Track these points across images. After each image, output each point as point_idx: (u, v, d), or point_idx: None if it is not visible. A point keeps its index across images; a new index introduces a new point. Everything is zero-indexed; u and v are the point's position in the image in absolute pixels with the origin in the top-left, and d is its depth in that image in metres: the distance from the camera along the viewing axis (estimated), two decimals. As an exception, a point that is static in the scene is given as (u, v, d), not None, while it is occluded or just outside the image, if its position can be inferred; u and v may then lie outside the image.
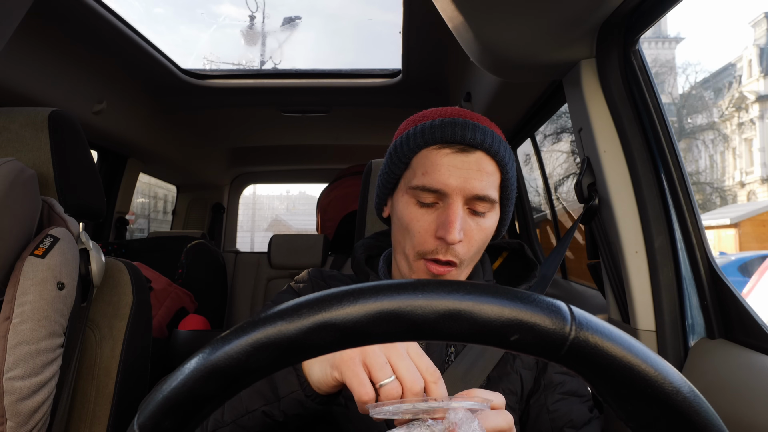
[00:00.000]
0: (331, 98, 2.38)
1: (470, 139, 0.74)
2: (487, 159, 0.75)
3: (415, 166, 0.77)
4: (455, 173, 0.73)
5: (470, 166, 0.74)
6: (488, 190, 0.74)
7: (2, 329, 0.76)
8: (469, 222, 0.74)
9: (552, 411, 0.77)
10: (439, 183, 0.73)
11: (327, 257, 2.66)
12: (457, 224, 0.71)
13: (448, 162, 0.74)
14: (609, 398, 0.32)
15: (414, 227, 0.75)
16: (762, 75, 22.25)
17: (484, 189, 0.73)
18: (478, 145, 0.74)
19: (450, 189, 0.73)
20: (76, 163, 0.99)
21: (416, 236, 0.75)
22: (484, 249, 0.79)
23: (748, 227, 11.27)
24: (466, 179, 0.73)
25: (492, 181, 0.75)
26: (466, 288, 0.32)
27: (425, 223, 0.75)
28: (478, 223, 0.75)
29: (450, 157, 0.74)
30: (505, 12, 0.94)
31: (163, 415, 0.33)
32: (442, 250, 0.73)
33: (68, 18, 1.53)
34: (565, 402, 0.77)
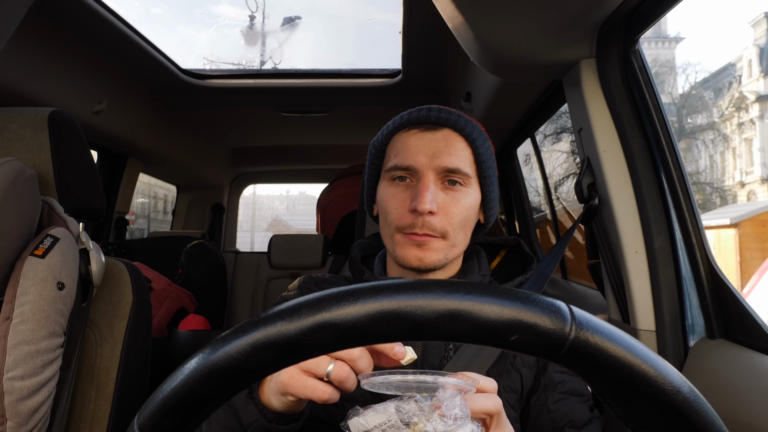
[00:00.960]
0: (331, 98, 2.37)
1: (435, 118, 0.79)
2: (455, 135, 0.79)
3: (390, 152, 0.82)
4: (423, 149, 0.78)
5: (438, 142, 0.78)
6: (458, 163, 0.77)
7: (2, 329, 0.76)
8: (443, 195, 0.77)
9: (553, 410, 0.77)
10: (409, 160, 0.77)
11: (327, 257, 2.66)
12: (427, 195, 0.74)
13: (416, 140, 0.79)
14: (609, 398, 0.32)
15: (390, 205, 0.79)
16: (762, 75, 22.23)
17: (453, 162, 0.77)
18: (443, 122, 0.79)
19: (420, 164, 0.77)
20: (76, 163, 0.98)
21: (393, 212, 0.79)
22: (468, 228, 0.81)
23: (748, 227, 11.26)
24: (435, 154, 0.77)
25: (463, 156, 0.78)
26: (466, 288, 0.32)
27: (400, 199, 0.78)
28: (453, 197, 0.78)
29: (417, 136, 0.79)
30: (505, 12, 0.94)
31: (163, 415, 0.33)
32: (419, 224, 0.76)
33: (68, 18, 1.53)
34: (565, 401, 0.77)
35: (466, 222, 0.79)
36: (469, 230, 0.81)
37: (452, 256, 0.80)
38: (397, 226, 0.78)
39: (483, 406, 0.50)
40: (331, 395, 0.52)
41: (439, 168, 0.77)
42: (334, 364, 0.52)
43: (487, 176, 0.81)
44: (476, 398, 0.50)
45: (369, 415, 0.46)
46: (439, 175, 0.77)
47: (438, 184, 0.77)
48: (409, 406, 0.45)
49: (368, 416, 0.46)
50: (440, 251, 0.78)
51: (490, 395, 0.51)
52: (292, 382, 0.53)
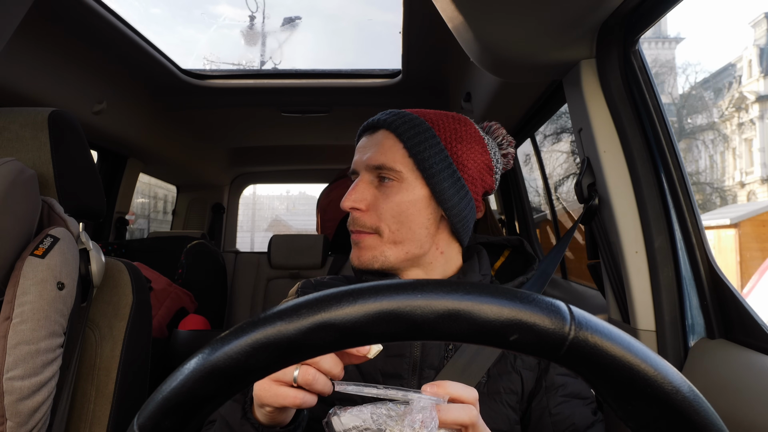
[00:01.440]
0: (332, 98, 2.38)
1: (375, 122, 0.83)
2: (387, 134, 0.81)
3: None
4: (360, 152, 0.83)
5: (372, 143, 0.82)
6: (383, 159, 0.79)
7: (2, 329, 0.76)
8: (374, 192, 0.80)
9: (554, 414, 0.76)
10: (353, 164, 0.84)
11: (327, 257, 2.66)
12: (352, 192, 0.79)
13: (360, 145, 0.84)
14: (609, 398, 0.32)
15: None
16: (762, 75, 22.23)
17: (379, 159, 0.79)
18: (381, 124, 0.82)
19: (356, 165, 0.83)
20: (76, 163, 0.99)
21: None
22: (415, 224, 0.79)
23: (748, 227, 11.25)
24: (366, 153, 0.81)
25: (391, 153, 0.80)
26: (466, 288, 0.32)
27: None
28: (384, 192, 0.80)
29: (362, 141, 0.85)
30: (505, 12, 0.94)
31: (163, 415, 0.33)
32: (350, 221, 0.82)
33: (68, 18, 1.53)
34: (567, 405, 0.76)
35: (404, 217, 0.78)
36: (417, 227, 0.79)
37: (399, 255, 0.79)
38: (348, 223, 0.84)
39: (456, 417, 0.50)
40: (304, 399, 0.53)
41: (368, 166, 0.80)
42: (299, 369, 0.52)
43: (425, 168, 0.78)
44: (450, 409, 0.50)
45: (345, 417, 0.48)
46: (372, 174, 0.81)
47: (374, 183, 0.81)
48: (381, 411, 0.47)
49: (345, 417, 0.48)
50: (375, 248, 0.79)
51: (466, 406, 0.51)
52: (264, 393, 0.54)
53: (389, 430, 0.46)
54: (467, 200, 0.81)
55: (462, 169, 0.81)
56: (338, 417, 0.48)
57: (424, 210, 0.80)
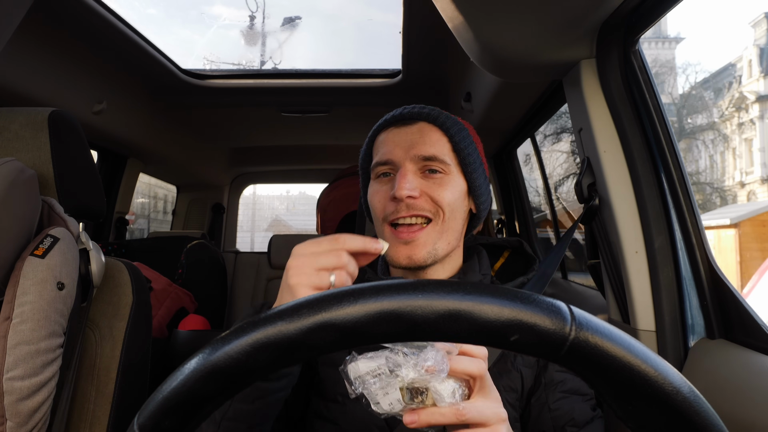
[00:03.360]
0: (331, 98, 2.37)
1: (409, 114, 0.83)
2: (429, 126, 0.82)
3: (373, 153, 0.86)
4: (399, 143, 0.81)
5: (413, 134, 0.81)
6: (433, 150, 0.80)
7: (2, 329, 0.76)
8: (424, 182, 0.80)
9: (553, 409, 0.76)
10: (387, 154, 0.81)
11: (327, 257, 2.65)
12: (405, 181, 0.77)
13: (392, 137, 0.82)
14: (609, 398, 0.32)
15: (376, 198, 0.82)
16: (762, 75, 22.22)
17: (428, 150, 0.79)
18: (416, 116, 0.82)
19: (397, 157, 0.80)
20: (76, 163, 0.98)
21: (378, 205, 0.81)
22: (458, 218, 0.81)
23: (748, 227, 11.24)
24: (410, 145, 0.80)
25: (439, 145, 0.81)
26: (466, 288, 0.32)
27: (383, 192, 0.81)
28: (435, 182, 0.80)
29: (394, 132, 0.83)
30: (505, 12, 0.94)
31: (163, 415, 0.33)
32: (402, 208, 0.78)
33: (68, 18, 1.53)
34: (566, 400, 0.77)
35: (455, 207, 0.81)
36: (460, 219, 0.83)
37: (445, 246, 0.80)
38: (383, 217, 0.81)
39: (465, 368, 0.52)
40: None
41: (416, 157, 0.80)
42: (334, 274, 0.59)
43: (468, 163, 0.83)
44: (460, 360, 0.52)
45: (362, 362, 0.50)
46: (417, 165, 0.80)
47: (418, 174, 0.80)
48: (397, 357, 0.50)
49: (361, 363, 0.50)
50: (428, 244, 0.79)
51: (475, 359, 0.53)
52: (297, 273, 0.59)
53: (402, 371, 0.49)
54: (490, 197, 0.88)
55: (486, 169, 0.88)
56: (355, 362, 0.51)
57: (463, 203, 0.84)
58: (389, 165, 0.81)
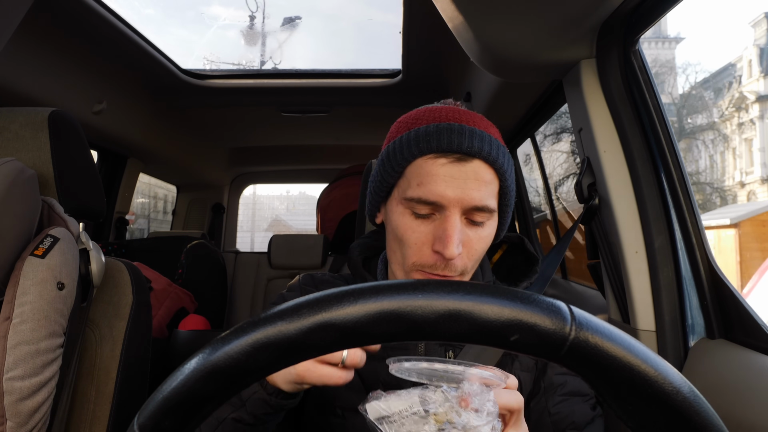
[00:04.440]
0: (331, 98, 2.38)
1: (467, 148, 0.69)
2: (485, 167, 0.71)
3: (410, 176, 0.72)
4: (452, 184, 0.69)
5: (467, 175, 0.69)
6: (487, 200, 0.70)
7: (2, 329, 0.76)
8: (467, 233, 0.71)
9: (554, 413, 0.76)
10: (436, 195, 0.69)
11: (327, 257, 2.66)
12: (455, 238, 0.67)
13: (444, 172, 0.69)
14: (609, 398, 0.32)
15: (410, 239, 0.71)
16: (762, 75, 22.22)
17: (483, 199, 0.70)
18: (475, 153, 0.69)
19: (447, 201, 0.69)
20: (76, 163, 0.98)
21: (412, 248, 0.71)
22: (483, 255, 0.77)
23: (748, 227, 11.24)
24: (464, 190, 0.69)
25: (490, 189, 0.71)
26: (466, 288, 0.32)
27: (421, 235, 0.71)
28: (477, 233, 0.71)
29: (446, 168, 0.70)
30: (505, 12, 0.94)
31: (163, 415, 0.33)
32: (441, 265, 0.70)
33: (68, 18, 1.53)
34: (566, 403, 0.76)
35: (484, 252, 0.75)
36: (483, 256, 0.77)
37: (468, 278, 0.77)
38: (415, 263, 0.72)
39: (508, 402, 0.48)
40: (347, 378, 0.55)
41: (468, 206, 0.69)
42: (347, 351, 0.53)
43: (508, 204, 0.75)
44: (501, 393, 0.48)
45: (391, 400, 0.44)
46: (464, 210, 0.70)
47: (462, 221, 0.71)
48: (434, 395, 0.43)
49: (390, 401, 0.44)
50: None
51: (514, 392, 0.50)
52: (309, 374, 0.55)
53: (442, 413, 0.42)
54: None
55: None
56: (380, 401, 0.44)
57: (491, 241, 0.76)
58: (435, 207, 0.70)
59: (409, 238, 0.71)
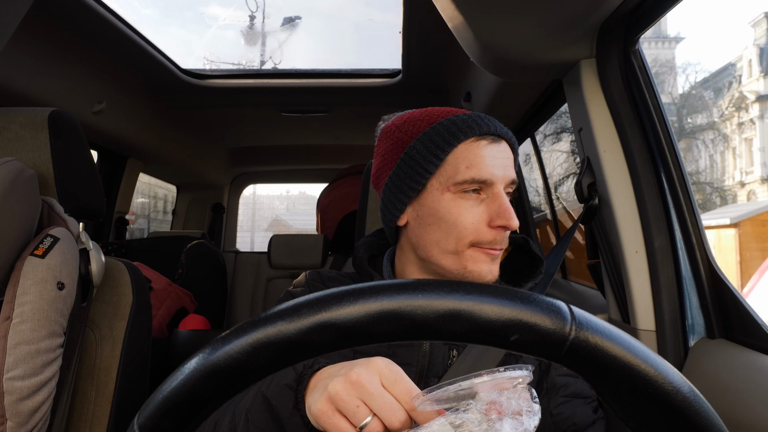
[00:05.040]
0: (331, 98, 2.38)
1: (500, 130, 0.80)
2: (509, 147, 0.81)
3: (456, 162, 0.76)
4: (496, 162, 0.77)
5: (504, 154, 0.79)
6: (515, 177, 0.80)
7: (2, 329, 0.76)
8: None
9: (555, 414, 0.76)
10: (487, 173, 0.76)
11: (327, 257, 2.65)
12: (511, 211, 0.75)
13: (488, 153, 0.77)
14: (609, 398, 0.32)
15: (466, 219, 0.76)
16: (762, 75, 22.22)
17: (513, 174, 0.80)
18: (504, 134, 0.80)
19: (496, 178, 0.76)
20: (76, 163, 0.98)
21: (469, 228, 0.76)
22: None
23: (748, 227, 11.25)
24: (505, 167, 0.78)
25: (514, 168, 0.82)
26: (466, 288, 0.32)
27: (477, 214, 0.76)
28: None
29: (489, 148, 0.78)
30: (505, 12, 0.94)
31: (163, 415, 0.33)
32: (500, 239, 0.76)
33: (68, 18, 1.53)
34: (568, 404, 0.76)
35: None
36: None
37: None
38: (473, 241, 0.76)
39: None
40: None
41: (509, 181, 0.78)
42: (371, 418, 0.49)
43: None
44: None
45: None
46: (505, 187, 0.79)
47: None
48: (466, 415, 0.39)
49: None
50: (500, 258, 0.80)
51: None
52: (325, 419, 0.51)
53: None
54: None
55: None
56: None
57: None
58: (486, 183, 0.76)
59: (465, 219, 0.76)
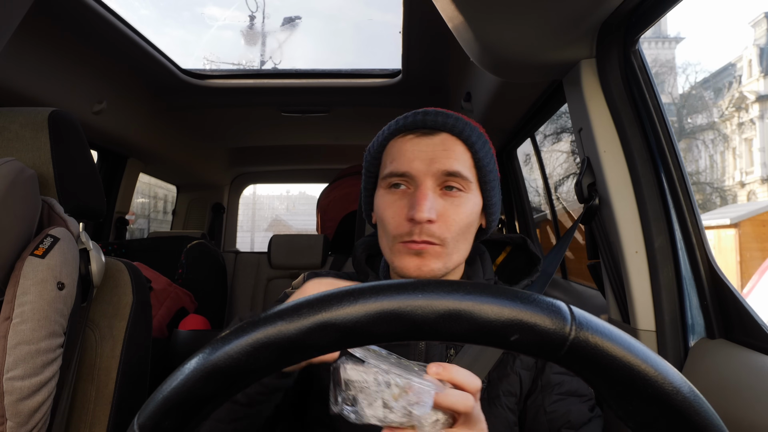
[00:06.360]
0: (331, 98, 2.38)
1: (432, 122, 0.76)
2: (453, 139, 0.76)
3: (385, 159, 0.79)
4: (420, 155, 0.74)
5: (435, 147, 0.75)
6: (456, 166, 0.74)
7: (2, 329, 0.76)
8: (442, 203, 0.75)
9: (549, 412, 0.76)
10: (405, 166, 0.74)
11: (327, 257, 2.65)
12: (425, 203, 0.72)
13: (412, 146, 0.76)
14: (609, 398, 0.32)
15: (388, 214, 0.76)
16: (762, 75, 22.22)
17: (452, 165, 0.74)
18: (440, 126, 0.76)
19: (417, 171, 0.74)
20: (76, 163, 0.98)
21: (391, 222, 0.76)
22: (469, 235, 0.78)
23: (748, 227, 11.24)
24: (432, 159, 0.74)
25: (462, 160, 0.75)
26: (466, 288, 0.32)
27: (397, 207, 0.75)
28: (453, 203, 0.75)
29: (414, 141, 0.76)
30: (505, 12, 0.94)
31: (163, 415, 0.33)
32: (417, 231, 0.73)
33: (68, 18, 1.53)
34: (563, 402, 0.76)
35: (467, 229, 0.76)
36: (470, 237, 0.79)
37: (452, 265, 0.77)
38: (395, 236, 0.75)
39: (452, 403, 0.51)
40: None
41: (438, 173, 0.74)
42: None
43: (487, 180, 0.78)
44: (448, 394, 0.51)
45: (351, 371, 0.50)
46: (437, 181, 0.74)
47: (437, 191, 0.75)
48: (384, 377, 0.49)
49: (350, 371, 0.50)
50: (439, 259, 0.75)
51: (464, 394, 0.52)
52: None
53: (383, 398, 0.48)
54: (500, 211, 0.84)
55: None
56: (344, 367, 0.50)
57: (478, 220, 0.80)
58: (405, 178, 0.75)
59: (388, 214, 0.76)
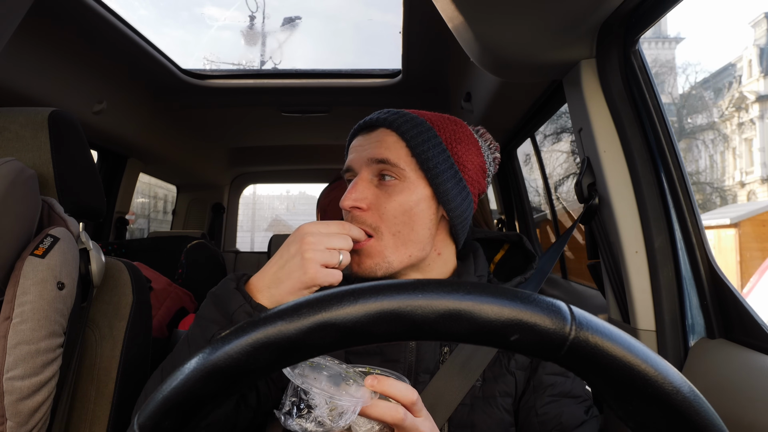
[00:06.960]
0: (331, 98, 2.38)
1: (373, 121, 0.81)
2: (387, 131, 0.79)
3: None
4: (358, 150, 0.81)
5: (371, 141, 0.80)
6: (386, 154, 0.77)
7: (2, 329, 0.76)
8: (375, 191, 0.78)
9: (541, 414, 0.75)
10: (348, 162, 0.82)
11: (327, 257, 2.65)
12: (353, 191, 0.77)
13: (356, 143, 0.83)
14: (609, 398, 0.32)
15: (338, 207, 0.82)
16: (762, 75, 22.22)
17: (382, 154, 0.77)
18: (380, 123, 0.80)
19: (353, 162, 0.80)
20: (76, 163, 0.98)
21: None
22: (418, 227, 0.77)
23: (748, 227, 11.24)
24: (367, 151, 0.79)
25: (394, 149, 0.78)
26: (466, 288, 0.32)
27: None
28: (386, 191, 0.77)
29: (358, 139, 0.83)
30: (505, 12, 0.94)
31: (163, 415, 0.33)
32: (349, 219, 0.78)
33: (69, 18, 1.53)
34: (555, 404, 0.75)
35: (408, 219, 0.76)
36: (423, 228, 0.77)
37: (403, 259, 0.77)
38: None
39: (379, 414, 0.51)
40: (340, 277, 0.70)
41: (368, 161, 0.78)
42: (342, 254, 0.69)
43: (429, 168, 0.77)
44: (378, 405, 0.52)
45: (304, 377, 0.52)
46: (372, 171, 0.78)
47: (373, 181, 0.78)
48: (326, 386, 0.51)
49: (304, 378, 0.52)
50: (377, 254, 0.75)
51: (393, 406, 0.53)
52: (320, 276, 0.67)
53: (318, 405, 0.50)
54: (468, 201, 0.80)
55: (463, 170, 0.80)
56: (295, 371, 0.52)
57: (427, 210, 0.78)
58: (351, 172, 0.81)
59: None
